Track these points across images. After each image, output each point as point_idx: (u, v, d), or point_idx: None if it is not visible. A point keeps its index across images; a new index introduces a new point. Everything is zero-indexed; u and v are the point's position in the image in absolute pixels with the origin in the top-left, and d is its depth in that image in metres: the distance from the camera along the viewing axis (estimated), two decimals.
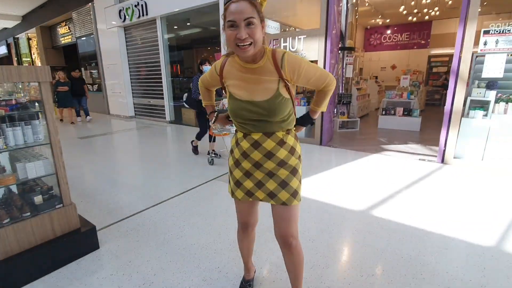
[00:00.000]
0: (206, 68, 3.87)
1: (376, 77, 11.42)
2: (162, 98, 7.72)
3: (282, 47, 5.04)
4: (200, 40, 9.24)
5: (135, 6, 7.28)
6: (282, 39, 5.02)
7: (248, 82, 1.08)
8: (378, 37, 13.01)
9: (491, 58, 3.46)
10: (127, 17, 7.65)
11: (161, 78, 7.55)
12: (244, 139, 1.18)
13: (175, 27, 7.78)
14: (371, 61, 13.18)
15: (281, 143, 1.14)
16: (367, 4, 9.18)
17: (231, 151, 1.26)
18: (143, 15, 7.20)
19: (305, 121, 1.31)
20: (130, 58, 8.46)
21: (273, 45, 5.12)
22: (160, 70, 7.51)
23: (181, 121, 7.51)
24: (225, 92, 1.20)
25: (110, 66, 8.95)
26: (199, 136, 4.36)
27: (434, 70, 11.65)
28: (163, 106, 7.78)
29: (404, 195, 2.86)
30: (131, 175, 3.72)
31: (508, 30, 3.30)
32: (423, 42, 11.95)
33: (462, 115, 3.74)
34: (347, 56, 6.33)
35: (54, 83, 7.59)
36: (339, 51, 5.92)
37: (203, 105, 1.46)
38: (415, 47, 12.17)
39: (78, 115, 8.15)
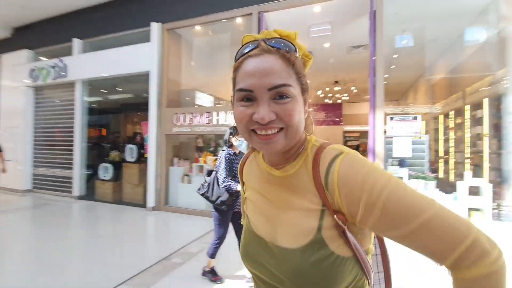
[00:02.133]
0: (241, 141, 2.68)
1: None
2: (71, 168, 6.53)
3: (215, 120, 4.99)
4: (130, 105, 8.78)
5: (52, 67, 6.60)
6: (215, 112, 4.99)
7: (270, 202, 0.61)
8: None
9: (398, 140, 3.96)
10: (40, 76, 6.81)
11: (72, 145, 6.50)
12: None
13: (102, 90, 7.22)
14: None
15: None
16: None
17: None
18: (60, 77, 6.51)
19: None
20: (37, 121, 7.27)
21: (204, 118, 5.03)
22: (72, 135, 6.50)
23: (93, 197, 6.32)
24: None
25: (9, 129, 7.48)
26: (214, 251, 2.60)
27: (349, 143, 13.40)
28: (71, 177, 6.54)
29: None
30: None
31: (408, 118, 3.91)
32: (337, 119, 13.94)
33: None
34: None
35: None
36: None
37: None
38: (331, 123, 14.05)
39: None
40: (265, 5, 4.66)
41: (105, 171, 6.37)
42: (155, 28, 5.38)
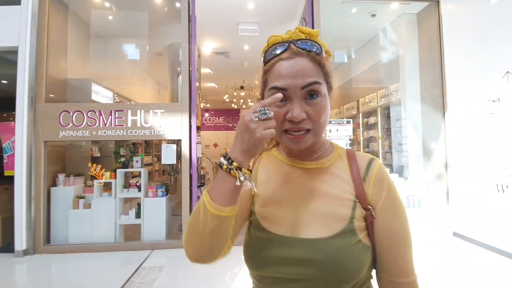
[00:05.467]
0: None
1: (202, 154, 11.85)
2: None
3: (129, 122, 3.81)
4: None
5: None
6: (129, 111, 3.82)
7: (299, 192, 0.61)
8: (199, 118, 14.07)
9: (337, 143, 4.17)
10: None
11: None
12: None
13: None
14: None
15: None
16: None
17: None
18: None
19: None
20: None
21: (113, 118, 3.78)
22: None
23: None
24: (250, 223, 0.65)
25: None
26: None
27: None
28: None
29: None
30: None
31: (342, 122, 4.18)
32: (236, 125, 14.18)
33: None
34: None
35: None
36: None
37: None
38: (231, 129, 14.13)
39: None
40: None
41: None
42: None
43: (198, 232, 0.54)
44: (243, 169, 0.53)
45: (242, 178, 0.53)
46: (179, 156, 4.07)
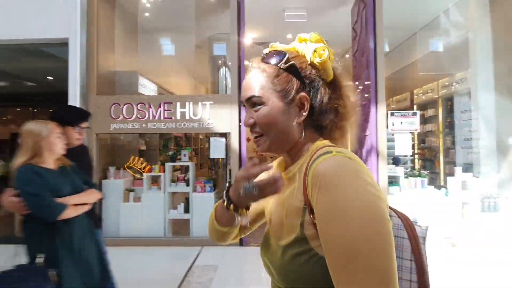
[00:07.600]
0: None
1: None
2: None
3: (178, 114, 3.69)
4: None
5: None
6: (178, 103, 3.70)
7: (277, 203, 0.65)
8: None
9: (400, 137, 3.76)
10: None
11: None
12: None
13: None
14: None
15: None
16: None
17: None
18: None
19: None
20: None
21: (162, 110, 3.67)
22: None
23: None
24: None
25: None
26: None
27: None
28: None
29: None
30: None
31: (408, 114, 3.75)
32: None
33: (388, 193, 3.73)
34: None
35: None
36: None
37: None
38: None
39: None
40: None
41: None
42: None
43: (210, 227, 0.72)
44: (239, 210, 0.61)
45: (238, 218, 0.62)
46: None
